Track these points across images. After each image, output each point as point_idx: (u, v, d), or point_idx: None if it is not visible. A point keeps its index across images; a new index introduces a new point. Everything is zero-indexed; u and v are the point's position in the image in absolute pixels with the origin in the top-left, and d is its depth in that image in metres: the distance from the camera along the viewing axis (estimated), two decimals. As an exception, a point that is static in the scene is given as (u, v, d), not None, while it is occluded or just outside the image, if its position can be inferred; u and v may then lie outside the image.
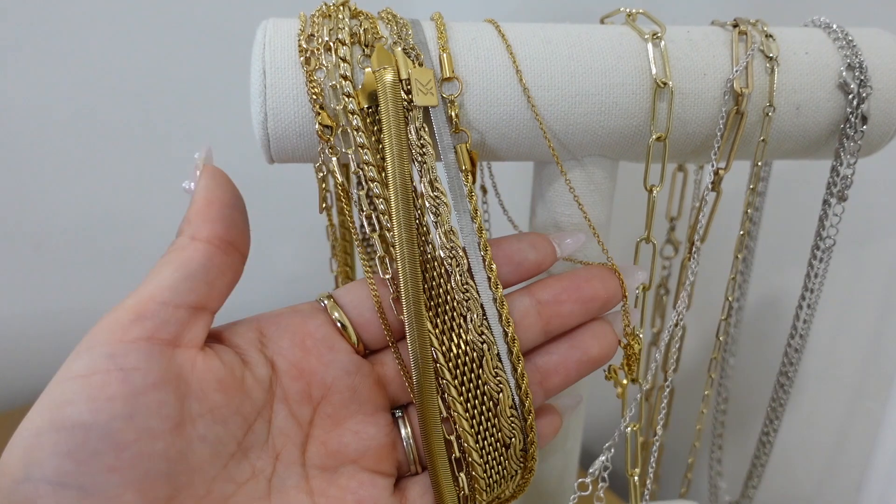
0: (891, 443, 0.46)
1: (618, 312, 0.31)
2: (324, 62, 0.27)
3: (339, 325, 0.28)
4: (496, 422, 0.28)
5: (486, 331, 0.27)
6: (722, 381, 0.40)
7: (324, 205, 0.28)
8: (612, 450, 0.31)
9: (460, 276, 0.27)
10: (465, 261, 0.27)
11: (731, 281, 0.33)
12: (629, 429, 0.32)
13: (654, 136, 0.29)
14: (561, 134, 0.30)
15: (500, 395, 0.27)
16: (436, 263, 0.27)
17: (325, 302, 0.28)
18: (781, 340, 0.35)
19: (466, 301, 0.27)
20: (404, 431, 0.28)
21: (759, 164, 0.31)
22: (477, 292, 0.27)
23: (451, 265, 0.27)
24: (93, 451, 0.21)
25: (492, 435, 0.28)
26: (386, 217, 0.26)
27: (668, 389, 0.31)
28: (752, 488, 0.37)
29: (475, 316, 0.27)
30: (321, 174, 0.28)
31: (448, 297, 0.27)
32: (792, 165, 0.47)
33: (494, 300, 0.28)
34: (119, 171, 0.65)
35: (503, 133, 0.29)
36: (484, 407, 0.27)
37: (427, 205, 0.27)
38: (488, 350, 0.27)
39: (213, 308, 0.25)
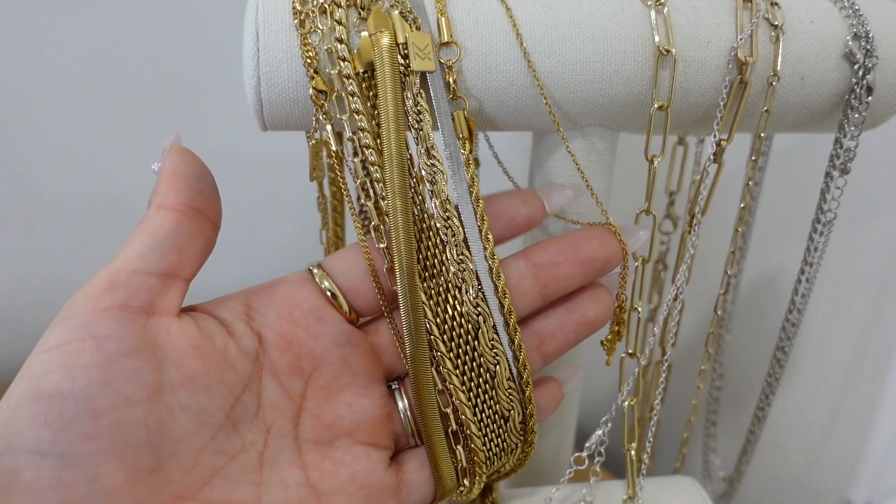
0: (887, 423, 0.46)
1: (614, 276, 0.30)
2: (319, 25, 0.26)
3: (328, 293, 0.27)
4: (493, 394, 0.27)
5: (481, 303, 0.27)
6: (717, 356, 0.40)
7: (314, 173, 0.27)
8: (609, 424, 0.31)
9: (456, 246, 0.26)
10: (461, 231, 0.27)
11: (731, 255, 0.32)
12: (626, 403, 0.31)
13: (655, 105, 0.29)
14: (561, 102, 0.29)
15: (497, 367, 0.27)
16: (431, 233, 0.27)
17: (315, 271, 0.28)
18: (779, 316, 0.34)
19: (462, 272, 0.27)
20: (401, 403, 0.28)
21: (762, 135, 0.30)
22: (472, 263, 0.27)
23: (446, 235, 0.26)
24: (70, 420, 0.21)
25: (489, 407, 0.27)
26: (381, 185, 0.26)
27: (666, 364, 0.31)
28: (745, 463, 0.37)
29: (470, 288, 0.27)
30: (313, 141, 0.27)
31: (443, 268, 0.27)
32: (791, 141, 0.46)
33: (490, 271, 0.27)
34: (111, 147, 0.64)
35: (502, 100, 0.28)
36: (481, 379, 0.27)
37: (423, 173, 0.26)
38: (484, 322, 0.27)
39: (185, 275, 0.25)
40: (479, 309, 0.27)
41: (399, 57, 0.26)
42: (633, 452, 0.32)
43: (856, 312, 0.47)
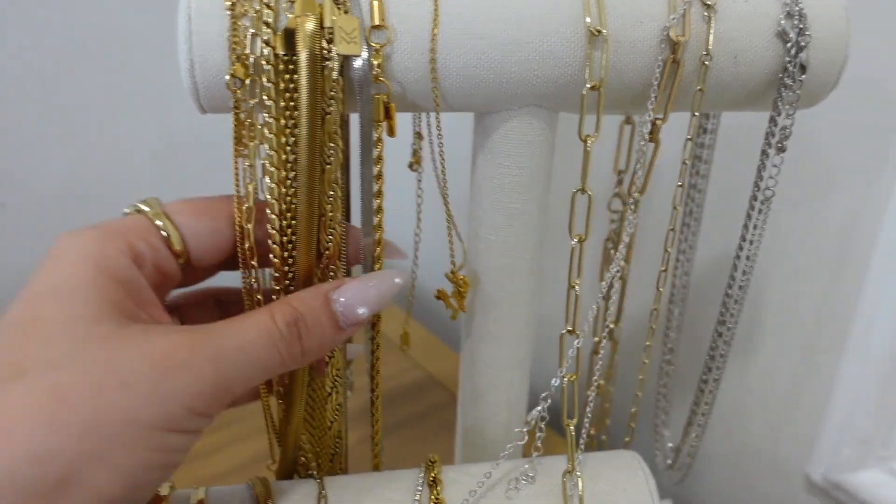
0: (843, 398, 0.47)
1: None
2: (249, 9, 0.27)
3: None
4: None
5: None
6: (668, 332, 0.41)
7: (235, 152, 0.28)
8: (549, 400, 0.32)
9: (331, 220, 0.29)
10: (340, 206, 0.29)
11: (670, 232, 0.33)
12: (566, 379, 0.32)
13: (588, 85, 0.29)
14: (496, 83, 0.29)
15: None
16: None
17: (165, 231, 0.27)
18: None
19: (328, 243, 0.29)
20: None
21: (696, 114, 0.31)
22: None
23: (326, 208, 0.28)
24: None
25: None
26: (275, 170, 0.27)
27: (605, 340, 0.31)
28: (691, 434, 0.37)
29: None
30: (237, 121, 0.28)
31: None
32: (748, 119, 0.46)
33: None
34: (86, 132, 0.65)
35: (430, 84, 0.29)
36: None
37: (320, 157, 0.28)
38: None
39: None
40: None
41: (323, 41, 0.26)
42: (572, 428, 0.32)
43: (813, 287, 0.47)
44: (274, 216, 0.27)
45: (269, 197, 0.27)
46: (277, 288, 0.28)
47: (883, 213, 0.42)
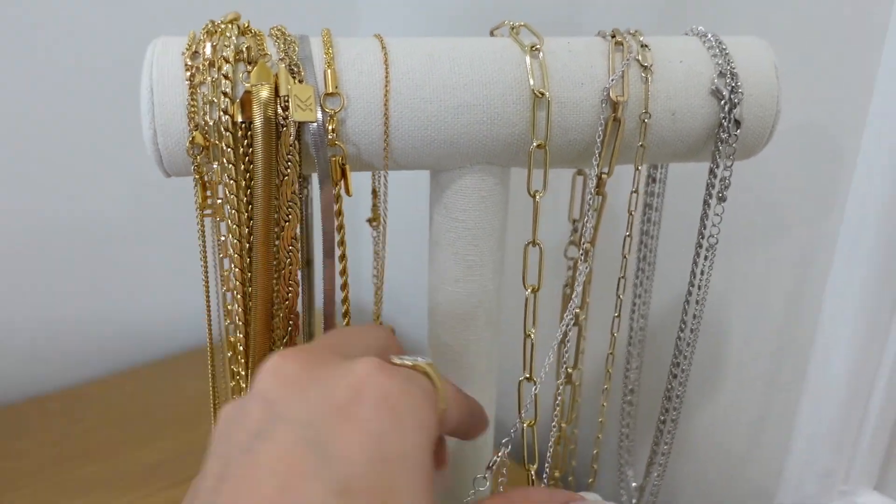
0: (805, 431, 0.48)
1: None
2: (207, 79, 0.28)
3: None
4: None
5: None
6: (627, 373, 0.42)
7: (200, 213, 0.29)
8: (510, 446, 0.32)
9: (290, 273, 0.30)
10: (299, 259, 0.30)
11: (620, 280, 0.34)
12: (524, 425, 0.33)
13: (534, 144, 0.31)
14: (447, 144, 0.31)
15: None
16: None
17: None
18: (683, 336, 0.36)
19: (288, 293, 0.31)
20: None
21: (640, 168, 0.32)
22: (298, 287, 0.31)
23: (286, 261, 0.30)
24: None
25: None
26: (235, 226, 0.29)
27: (561, 386, 0.33)
28: (655, 475, 0.38)
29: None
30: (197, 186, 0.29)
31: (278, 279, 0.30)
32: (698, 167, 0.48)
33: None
34: (63, 184, 0.66)
35: (386, 144, 0.30)
36: None
37: (277, 215, 0.29)
38: None
39: None
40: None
41: (279, 108, 0.27)
42: (532, 472, 0.33)
43: (772, 327, 0.49)
44: (238, 269, 0.29)
45: (231, 251, 0.29)
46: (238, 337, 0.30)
47: (832, 253, 0.43)
